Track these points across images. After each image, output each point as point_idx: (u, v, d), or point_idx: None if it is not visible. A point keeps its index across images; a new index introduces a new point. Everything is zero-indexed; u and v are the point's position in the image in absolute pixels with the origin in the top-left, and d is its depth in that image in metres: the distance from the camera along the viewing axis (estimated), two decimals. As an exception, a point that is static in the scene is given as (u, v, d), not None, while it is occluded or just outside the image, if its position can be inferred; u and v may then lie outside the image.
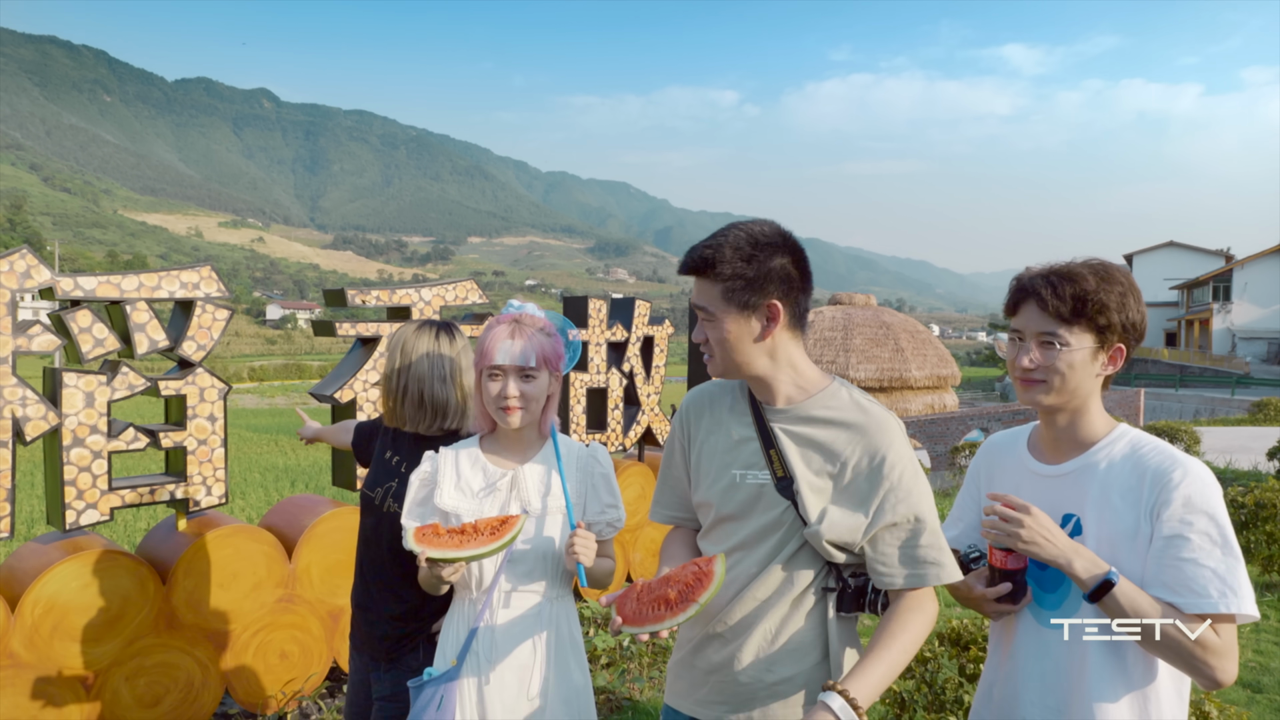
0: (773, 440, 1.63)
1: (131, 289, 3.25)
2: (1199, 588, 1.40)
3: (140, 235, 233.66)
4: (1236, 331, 46.36)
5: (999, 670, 1.66)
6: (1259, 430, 18.34)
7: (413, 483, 1.94)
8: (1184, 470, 1.46)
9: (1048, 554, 1.45)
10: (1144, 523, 1.47)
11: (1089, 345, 1.52)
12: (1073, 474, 1.57)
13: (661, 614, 1.46)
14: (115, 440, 3.23)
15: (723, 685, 1.65)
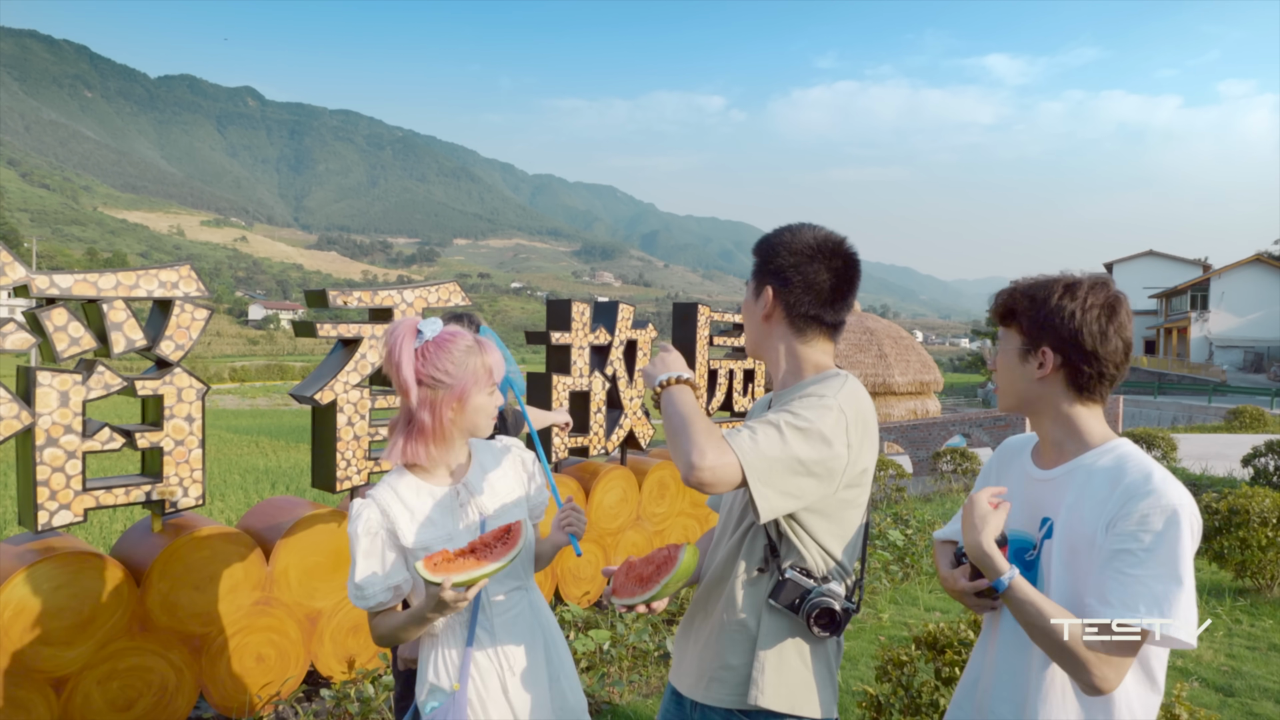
0: None
1: (109, 287, 3.21)
2: (1130, 602, 1.38)
3: (121, 233, 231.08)
4: (1214, 340, 46.97)
5: (981, 668, 1.69)
6: (1234, 438, 18.58)
7: (358, 535, 1.77)
8: (1153, 489, 1.44)
9: (969, 548, 1.52)
10: (1100, 533, 1.47)
11: (1016, 345, 1.61)
12: (1057, 479, 1.60)
13: (635, 590, 1.60)
14: (90, 440, 3.19)
15: (694, 659, 1.75)
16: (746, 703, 1.62)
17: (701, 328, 5.89)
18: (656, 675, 4.15)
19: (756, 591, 1.66)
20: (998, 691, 1.60)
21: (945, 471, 12.85)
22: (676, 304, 6.13)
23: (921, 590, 6.01)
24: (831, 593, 1.60)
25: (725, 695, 1.65)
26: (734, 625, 1.66)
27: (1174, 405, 29.75)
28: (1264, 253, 47.64)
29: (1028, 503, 1.64)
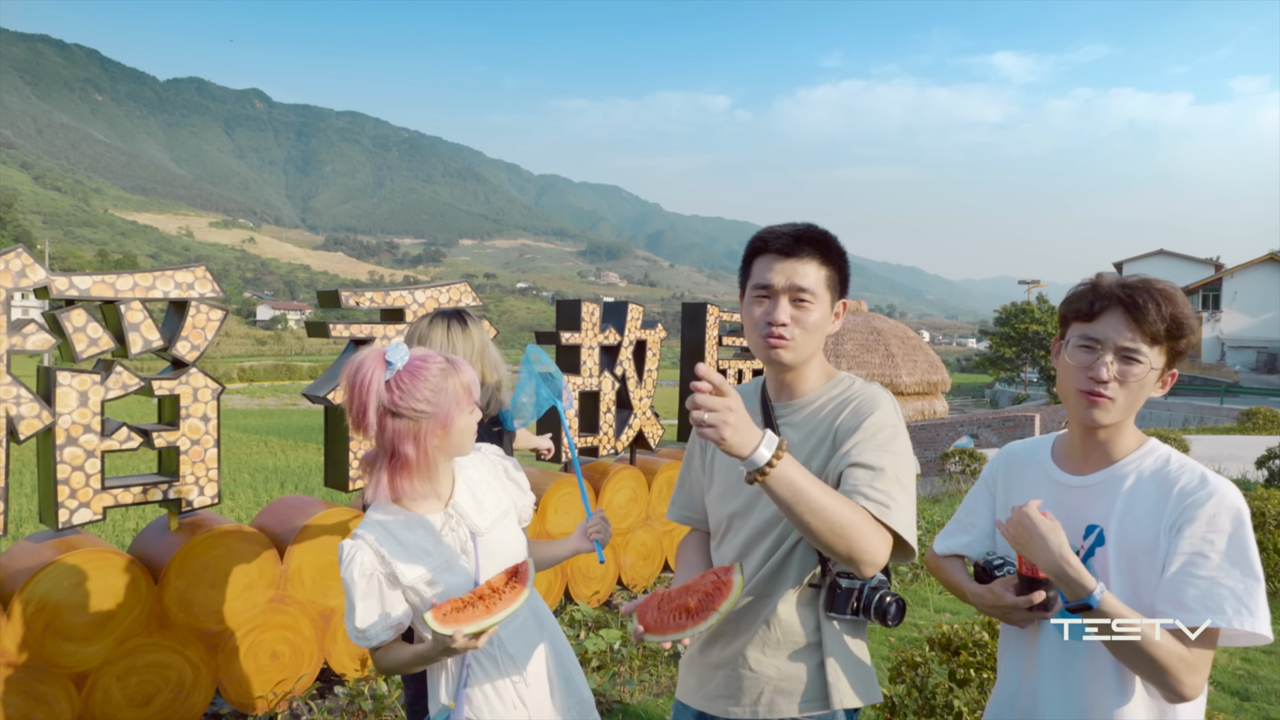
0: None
1: (126, 289, 3.25)
2: (1215, 604, 1.39)
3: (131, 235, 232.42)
4: (1225, 340, 46.71)
5: (1020, 680, 1.64)
6: (1247, 439, 18.47)
7: (354, 581, 1.69)
8: (1211, 490, 1.45)
9: (1042, 562, 1.43)
10: (1163, 537, 1.46)
11: (1160, 366, 1.50)
12: (1099, 485, 1.57)
13: (683, 622, 1.50)
14: (109, 440, 3.22)
15: (729, 679, 1.69)
16: (830, 708, 1.63)
17: (711, 328, 5.90)
18: (667, 675, 4.16)
19: (810, 603, 1.66)
20: (1048, 703, 1.56)
21: (954, 472, 12.82)
22: (685, 304, 6.14)
23: (931, 591, 6.01)
24: (883, 584, 1.64)
25: (796, 707, 1.64)
26: (790, 639, 1.65)
27: (1185, 406, 29.60)
28: (1277, 252, 47.34)
29: (1063, 510, 1.59)
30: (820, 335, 1.66)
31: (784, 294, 1.63)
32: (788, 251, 1.63)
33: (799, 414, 1.70)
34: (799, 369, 1.69)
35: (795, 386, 1.72)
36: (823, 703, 1.63)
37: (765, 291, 1.65)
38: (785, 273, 1.62)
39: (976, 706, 2.50)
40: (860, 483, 1.53)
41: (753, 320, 1.67)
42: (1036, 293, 54.39)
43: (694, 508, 1.91)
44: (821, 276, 1.64)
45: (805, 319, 1.63)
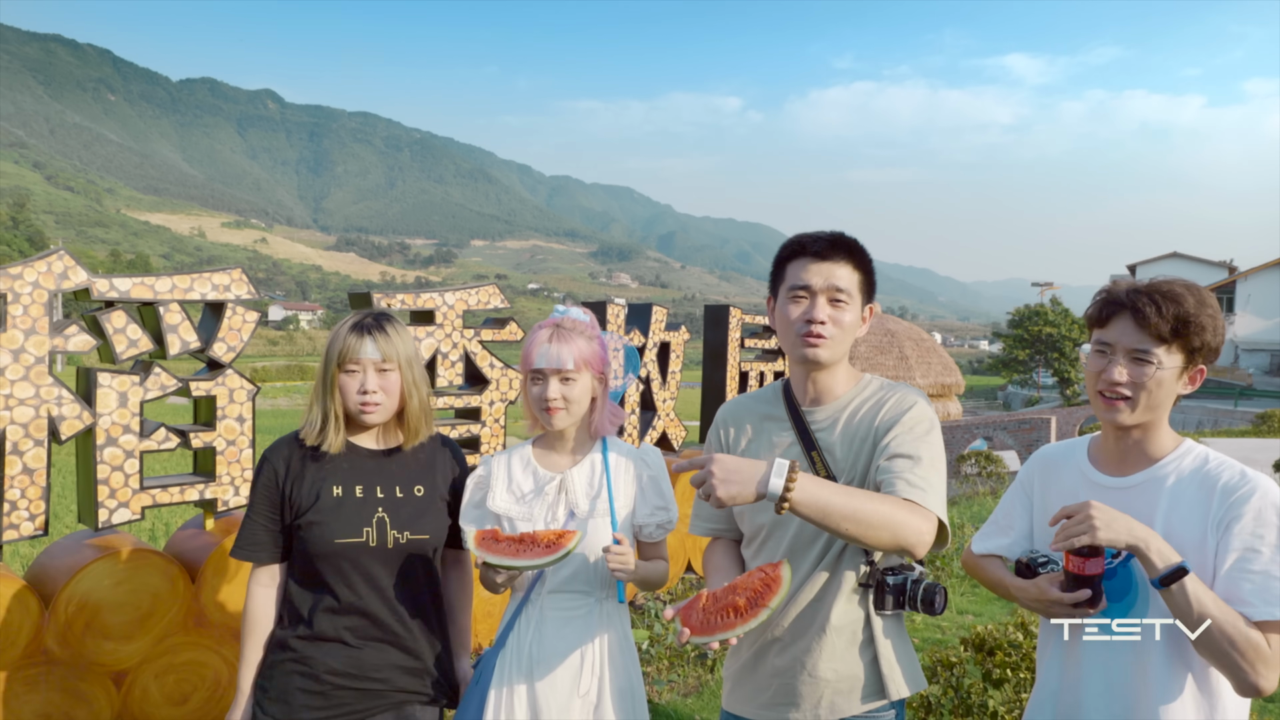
0: (814, 442, 1.71)
1: (165, 291, 3.29)
2: (1272, 596, 1.42)
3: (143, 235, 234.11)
4: (1239, 343, 46.35)
5: (1061, 679, 1.66)
6: (1263, 442, 18.34)
7: (469, 485, 2.03)
8: (1254, 485, 1.49)
9: (1124, 539, 1.44)
10: (1211, 535, 1.49)
11: (1178, 365, 1.53)
12: (1140, 486, 1.60)
13: (731, 621, 1.48)
14: (147, 440, 3.27)
15: (787, 687, 1.70)
16: (887, 698, 1.68)
17: (733, 330, 5.91)
18: (694, 675, 4.18)
19: (860, 601, 1.70)
20: (1090, 703, 1.58)
21: (970, 474, 12.80)
22: (708, 306, 6.16)
23: (953, 593, 6.01)
24: (924, 575, 1.68)
25: (856, 704, 1.68)
26: (844, 640, 1.68)
27: (1199, 409, 29.42)
28: (1291, 254, 46.94)
29: None
30: (852, 336, 1.72)
31: (822, 294, 1.69)
32: (824, 254, 1.69)
33: (832, 418, 1.73)
34: (831, 370, 1.74)
35: (826, 389, 1.75)
36: (880, 695, 1.68)
37: (803, 292, 1.70)
38: (823, 274, 1.68)
39: (1013, 706, 2.51)
40: (899, 470, 1.59)
41: (789, 320, 1.71)
42: (1049, 295, 54.11)
43: (719, 519, 1.90)
44: (855, 279, 1.71)
45: (841, 319, 1.69)
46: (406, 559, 1.96)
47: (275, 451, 1.99)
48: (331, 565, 1.90)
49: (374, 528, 1.92)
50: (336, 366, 1.90)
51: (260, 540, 1.97)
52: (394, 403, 1.96)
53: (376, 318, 1.93)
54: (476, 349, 4.30)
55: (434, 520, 2.01)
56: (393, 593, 1.94)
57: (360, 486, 1.95)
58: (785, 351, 1.78)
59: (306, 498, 1.92)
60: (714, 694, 4.01)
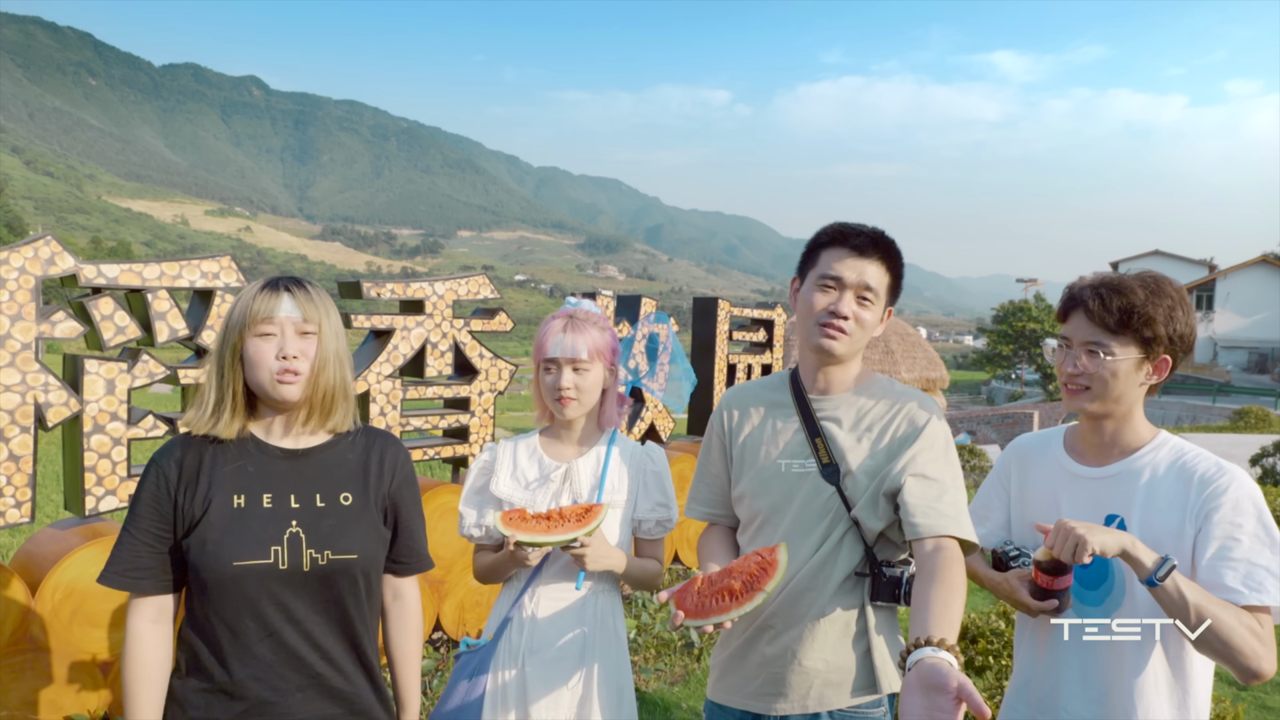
0: (818, 429, 1.71)
1: (153, 278, 3.27)
2: (1256, 584, 1.46)
3: (124, 222, 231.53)
4: (1218, 340, 46.92)
5: (1036, 666, 1.69)
6: (1240, 437, 18.60)
7: (472, 470, 2.02)
8: (1230, 476, 1.53)
9: (1113, 547, 1.46)
10: (1189, 525, 1.53)
11: (1133, 355, 1.57)
12: (1116, 477, 1.63)
13: (726, 604, 1.47)
14: (135, 427, 3.25)
15: (777, 676, 1.69)
16: (878, 693, 1.66)
17: (721, 322, 5.94)
18: (681, 664, 4.22)
19: (857, 593, 1.68)
20: (1068, 690, 1.61)
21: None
22: (697, 298, 6.19)
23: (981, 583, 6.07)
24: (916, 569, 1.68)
25: (846, 696, 1.66)
26: (837, 631, 1.67)
27: (1178, 405, 29.77)
28: (1270, 254, 47.57)
29: (1081, 500, 1.66)
30: (870, 335, 1.72)
31: (851, 289, 1.68)
32: (863, 251, 1.68)
33: (840, 407, 1.73)
34: (844, 363, 1.74)
35: (837, 380, 1.75)
36: (871, 689, 1.66)
37: (834, 283, 1.69)
38: (858, 270, 1.68)
39: (995, 692, 2.55)
40: (930, 500, 1.59)
41: (812, 308, 1.71)
42: (1034, 291, 54.55)
43: (717, 504, 1.89)
44: (885, 281, 1.71)
45: (865, 316, 1.69)
46: (329, 585, 1.56)
47: (165, 454, 1.58)
48: (234, 595, 1.50)
49: (285, 546, 1.53)
50: (242, 331, 1.52)
51: (143, 564, 1.52)
52: (310, 378, 1.57)
53: (293, 277, 1.61)
54: (466, 339, 4.30)
55: (364, 536, 1.60)
56: (315, 626, 1.56)
57: (269, 495, 1.56)
58: (800, 336, 1.78)
59: (198, 508, 1.52)
60: (700, 682, 4.05)
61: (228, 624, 1.52)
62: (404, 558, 1.72)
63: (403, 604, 1.75)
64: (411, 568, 1.74)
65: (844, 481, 1.67)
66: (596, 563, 1.85)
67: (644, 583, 1.97)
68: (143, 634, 1.54)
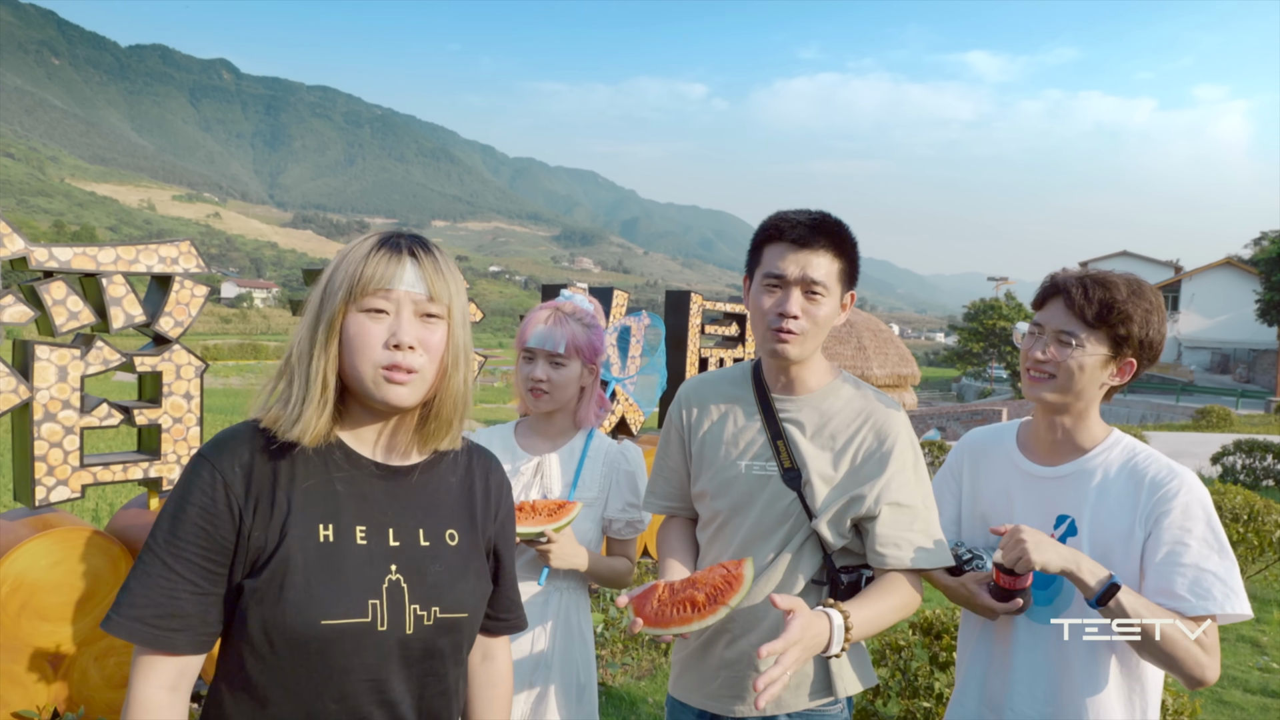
0: (780, 431, 1.65)
1: (108, 262, 3.18)
2: (1203, 590, 1.45)
3: (89, 205, 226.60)
4: (1182, 341, 47.89)
5: (989, 663, 1.69)
6: (1202, 436, 18.99)
7: None
8: (1180, 480, 1.52)
9: (1056, 564, 1.46)
10: (1138, 528, 1.52)
11: (1102, 352, 1.56)
12: (1069, 477, 1.62)
13: (688, 616, 1.43)
14: (88, 416, 3.16)
15: (735, 679, 1.66)
16: (834, 696, 1.64)
17: (694, 316, 5.92)
18: (648, 659, 4.21)
19: (814, 598, 1.64)
20: (1019, 689, 1.61)
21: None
22: (670, 292, 6.16)
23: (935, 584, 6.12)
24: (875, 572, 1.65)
25: (803, 699, 1.64)
26: None
27: (1143, 404, 30.36)
28: (1234, 256, 48.58)
29: (1034, 499, 1.65)
30: (827, 329, 1.62)
31: (796, 286, 1.57)
32: (802, 242, 1.56)
33: (805, 408, 1.66)
34: (803, 364, 1.65)
35: (799, 380, 1.67)
36: (828, 692, 1.64)
37: (777, 282, 1.58)
38: (800, 263, 1.56)
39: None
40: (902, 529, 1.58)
41: (761, 310, 1.61)
42: (1005, 290, 55.27)
43: (675, 497, 1.84)
44: (834, 269, 1.59)
45: (815, 312, 1.58)
46: (431, 654, 1.18)
47: (223, 450, 1.13)
48: (316, 666, 1.09)
49: (384, 599, 1.13)
50: (346, 302, 1.12)
51: (180, 609, 1.08)
52: (431, 381, 1.18)
53: (417, 237, 1.20)
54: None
55: (474, 587, 1.24)
56: (409, 709, 1.17)
57: (363, 527, 1.16)
58: (755, 339, 1.69)
59: (272, 538, 1.10)
60: (667, 676, 4.04)
61: (299, 704, 1.10)
62: (504, 612, 1.36)
63: (493, 667, 1.37)
64: (510, 625, 1.38)
65: (805, 489, 1.62)
66: (561, 560, 1.81)
67: (612, 581, 1.94)
68: (156, 706, 1.07)
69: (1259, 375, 41.75)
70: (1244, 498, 5.96)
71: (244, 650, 1.11)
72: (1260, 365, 42.25)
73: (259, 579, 1.09)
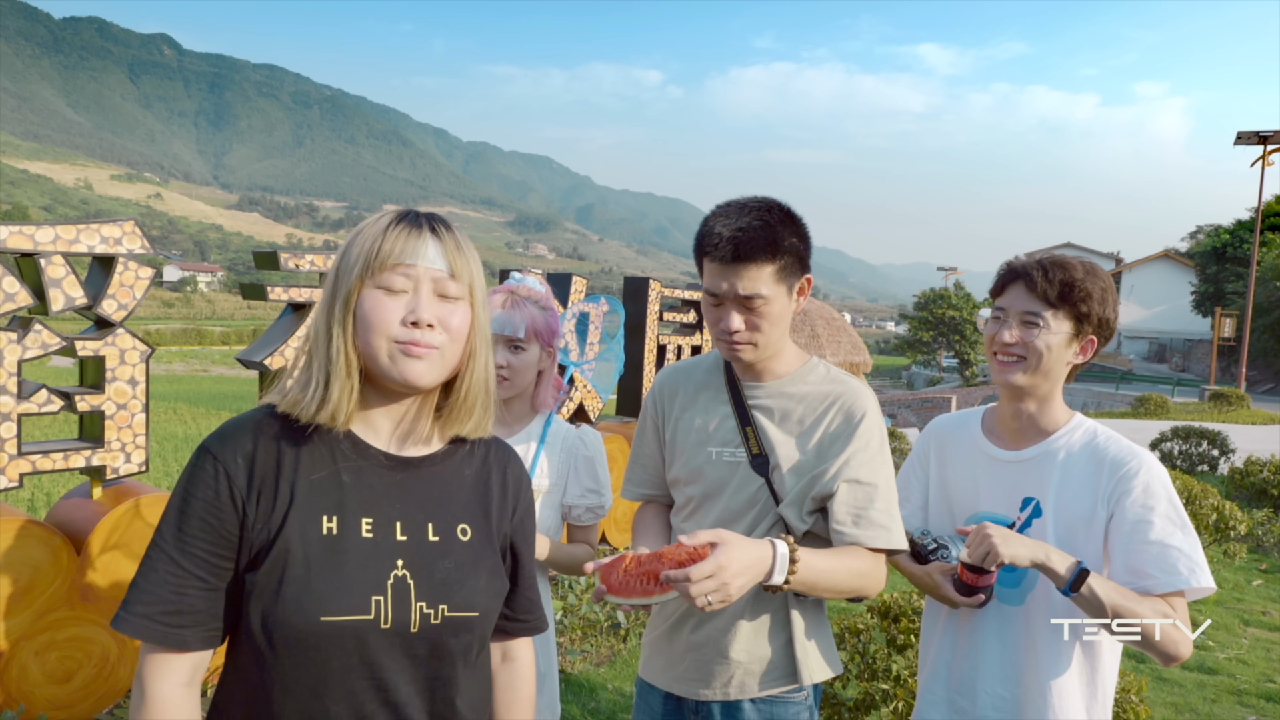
0: (749, 418, 1.66)
1: (47, 241, 3.04)
2: (1169, 566, 1.49)
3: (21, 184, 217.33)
4: (1122, 330, 49.51)
5: (957, 649, 1.72)
6: (1141, 423, 19.66)
7: None
8: (1140, 460, 1.56)
9: (1026, 557, 1.49)
10: (1100, 508, 1.56)
11: (1066, 330, 1.60)
12: (1033, 460, 1.65)
13: (650, 589, 1.43)
14: (26, 402, 3.03)
15: (700, 663, 1.67)
16: (798, 683, 1.64)
17: (652, 303, 5.91)
18: (607, 645, 4.21)
19: None
20: (987, 671, 1.65)
21: (874, 450, 13.22)
22: (628, 278, 6.14)
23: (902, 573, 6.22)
24: None
25: (768, 684, 1.65)
26: (761, 621, 1.65)
27: (1084, 391, 31.30)
28: (1172, 249, 50.33)
29: (1000, 483, 1.68)
30: (782, 325, 1.60)
31: (732, 302, 1.55)
32: (728, 260, 1.51)
33: (773, 395, 1.67)
34: (768, 359, 1.65)
35: (767, 370, 1.67)
36: (792, 678, 1.66)
37: (715, 299, 1.58)
38: (730, 281, 1.53)
39: (915, 670, 2.61)
40: (860, 506, 1.56)
41: (709, 321, 1.63)
42: (954, 279, 56.44)
43: (652, 484, 1.85)
44: (770, 274, 1.53)
45: (759, 321, 1.56)
46: (439, 654, 1.13)
47: (227, 442, 1.09)
48: (315, 662, 1.06)
49: (388, 595, 1.09)
50: (361, 277, 1.08)
51: (189, 605, 1.06)
52: (451, 362, 1.13)
53: (436, 215, 1.15)
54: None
55: (486, 585, 1.18)
56: (416, 710, 1.12)
57: (369, 519, 1.11)
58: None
59: (272, 528, 1.07)
60: (626, 663, 4.05)
61: (299, 704, 1.06)
62: (523, 613, 1.31)
63: (514, 669, 1.32)
64: (531, 626, 1.33)
65: (772, 474, 1.63)
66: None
67: (571, 569, 1.91)
68: (171, 703, 1.05)
69: (1193, 364, 43.41)
70: (1182, 482, 6.18)
71: (245, 647, 1.08)
72: (1195, 355, 43.93)
73: (258, 572, 1.05)
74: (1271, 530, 7.17)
